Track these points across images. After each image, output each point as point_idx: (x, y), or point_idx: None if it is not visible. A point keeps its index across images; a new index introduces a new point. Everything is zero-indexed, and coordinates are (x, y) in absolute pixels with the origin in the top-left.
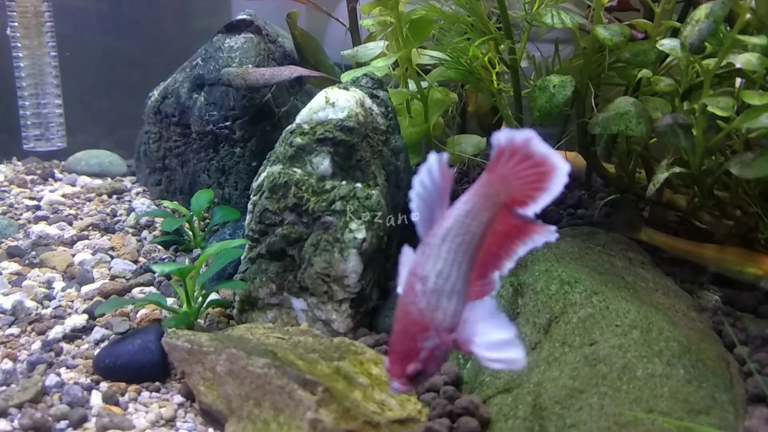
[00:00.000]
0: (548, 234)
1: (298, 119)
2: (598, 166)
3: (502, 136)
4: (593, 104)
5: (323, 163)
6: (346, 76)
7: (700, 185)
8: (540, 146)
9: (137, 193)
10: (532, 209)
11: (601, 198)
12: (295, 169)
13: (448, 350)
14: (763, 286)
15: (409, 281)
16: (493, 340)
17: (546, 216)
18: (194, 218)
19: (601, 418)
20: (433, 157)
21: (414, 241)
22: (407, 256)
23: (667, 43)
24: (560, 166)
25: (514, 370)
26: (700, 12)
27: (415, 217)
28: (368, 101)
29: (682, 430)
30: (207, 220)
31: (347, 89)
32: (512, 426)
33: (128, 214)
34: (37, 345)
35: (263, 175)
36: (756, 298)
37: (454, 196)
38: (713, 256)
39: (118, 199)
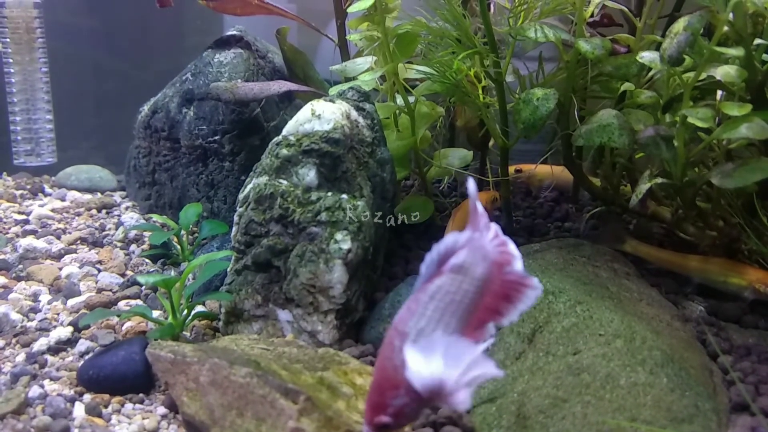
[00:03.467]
0: (535, 287)
1: (285, 131)
2: (583, 179)
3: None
4: (577, 117)
5: (309, 175)
6: (333, 90)
7: (682, 196)
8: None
9: (126, 208)
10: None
11: (588, 211)
12: (281, 181)
13: (420, 409)
14: (746, 296)
15: (390, 335)
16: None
17: (533, 229)
18: (182, 232)
19: (585, 427)
20: (467, 234)
21: (401, 252)
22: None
23: (646, 56)
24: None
25: (497, 380)
26: (678, 25)
27: (422, 268)
28: (354, 113)
29: None
30: (195, 234)
31: (333, 102)
32: None
33: (117, 229)
34: (21, 357)
35: (249, 186)
36: (739, 308)
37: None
38: (697, 266)
39: (107, 213)
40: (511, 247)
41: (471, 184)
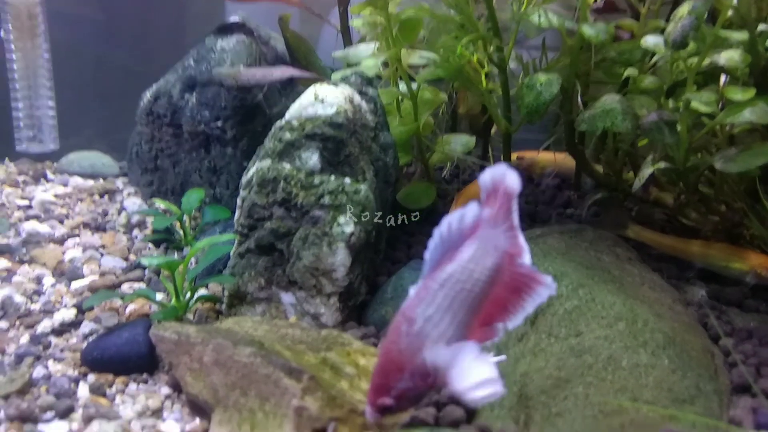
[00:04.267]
0: (548, 284)
1: (288, 115)
2: (585, 165)
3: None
4: (580, 103)
5: (312, 158)
6: (336, 75)
7: (685, 181)
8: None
9: (129, 194)
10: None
11: (590, 198)
12: (284, 164)
13: (423, 393)
14: (748, 281)
15: (397, 320)
16: (473, 382)
17: (536, 215)
18: (185, 217)
19: (587, 408)
20: (473, 207)
21: (403, 237)
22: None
23: (650, 40)
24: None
25: (500, 362)
26: (683, 9)
27: (427, 254)
28: (357, 98)
29: (667, 418)
30: (198, 220)
31: (336, 86)
32: (498, 415)
33: (119, 214)
34: (25, 339)
35: (252, 169)
36: (741, 292)
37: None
38: (699, 251)
39: (109, 199)
40: (521, 239)
41: (502, 170)
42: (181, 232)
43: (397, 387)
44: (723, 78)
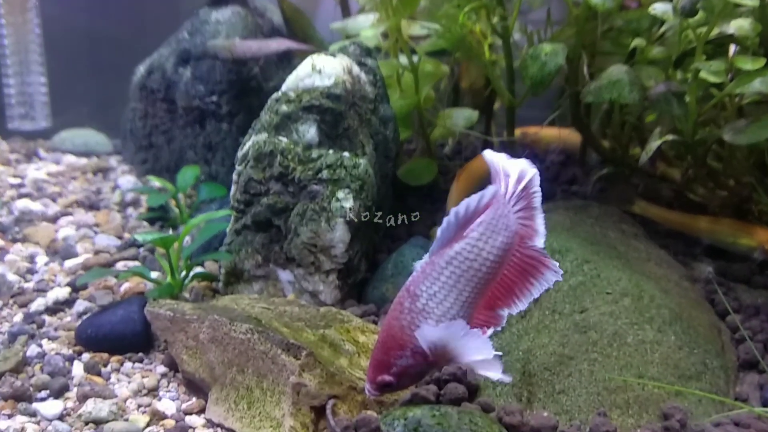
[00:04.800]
0: (556, 270)
1: (284, 87)
2: (591, 138)
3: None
4: (586, 74)
5: (309, 132)
6: (334, 46)
7: (693, 155)
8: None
9: (123, 172)
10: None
11: (595, 174)
12: (280, 138)
13: (424, 371)
14: (756, 257)
15: (401, 295)
16: (474, 362)
17: (541, 192)
18: (180, 194)
19: (591, 384)
20: (491, 189)
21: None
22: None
23: (659, 7)
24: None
25: (502, 338)
26: None
27: (438, 232)
28: (356, 69)
29: (673, 394)
30: (194, 198)
31: (334, 56)
32: (501, 392)
33: (113, 192)
34: (18, 317)
35: (248, 143)
36: (749, 268)
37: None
38: (707, 227)
39: (103, 177)
40: (538, 221)
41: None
42: (177, 210)
43: (398, 364)
44: (732, 48)
